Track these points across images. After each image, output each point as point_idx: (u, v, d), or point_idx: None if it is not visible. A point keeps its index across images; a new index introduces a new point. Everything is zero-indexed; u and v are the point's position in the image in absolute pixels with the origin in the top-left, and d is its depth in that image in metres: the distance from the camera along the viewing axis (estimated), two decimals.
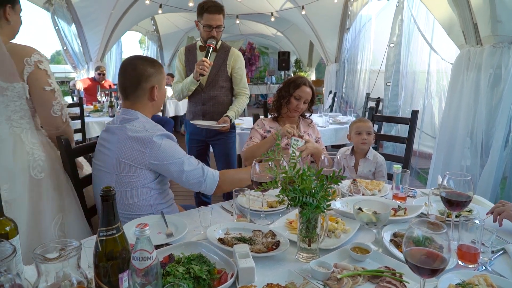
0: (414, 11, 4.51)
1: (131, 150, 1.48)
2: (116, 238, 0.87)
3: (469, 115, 2.72)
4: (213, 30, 2.52)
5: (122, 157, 1.49)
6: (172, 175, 1.54)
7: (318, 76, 14.05)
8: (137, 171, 1.50)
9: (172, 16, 10.68)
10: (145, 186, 1.53)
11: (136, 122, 1.53)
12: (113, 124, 1.62)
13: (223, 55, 2.65)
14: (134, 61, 1.59)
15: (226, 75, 2.67)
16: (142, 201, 1.54)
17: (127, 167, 1.49)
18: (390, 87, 4.97)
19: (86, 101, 5.75)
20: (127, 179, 1.50)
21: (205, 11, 2.50)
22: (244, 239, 1.27)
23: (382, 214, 1.24)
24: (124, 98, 1.61)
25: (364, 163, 2.32)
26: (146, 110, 1.61)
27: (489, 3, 2.47)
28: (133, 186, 1.51)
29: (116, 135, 1.53)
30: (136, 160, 1.48)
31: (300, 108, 2.32)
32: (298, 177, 1.17)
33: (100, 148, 1.61)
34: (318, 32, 8.01)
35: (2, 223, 0.93)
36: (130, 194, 1.52)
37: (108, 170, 1.53)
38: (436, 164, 3.08)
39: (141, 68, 1.55)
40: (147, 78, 1.56)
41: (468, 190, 1.26)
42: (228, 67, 2.66)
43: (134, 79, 1.55)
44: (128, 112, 1.58)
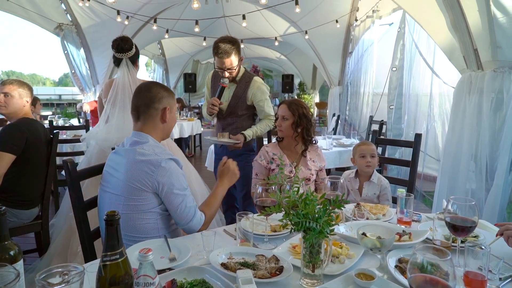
0: (415, 36, 4.60)
1: (140, 173, 1.51)
2: (119, 263, 0.87)
3: (473, 138, 2.73)
4: (225, 72, 2.54)
5: (130, 180, 1.51)
6: (171, 203, 1.56)
7: (322, 98, 14.19)
8: (144, 194, 1.52)
9: (178, 40, 10.96)
10: (152, 210, 1.55)
11: (146, 146, 1.57)
12: (122, 146, 1.65)
13: (243, 86, 2.66)
14: (148, 84, 1.69)
15: (246, 105, 2.69)
16: (148, 224, 1.55)
17: (136, 190, 1.51)
18: (393, 110, 5.01)
19: (92, 123, 5.82)
20: (135, 202, 1.52)
21: (215, 54, 2.50)
22: (247, 264, 1.26)
23: (386, 239, 1.23)
24: (136, 119, 1.65)
25: (369, 186, 2.32)
26: (157, 133, 1.65)
27: (488, 29, 2.52)
28: (140, 209, 1.53)
29: (125, 158, 1.56)
30: (144, 183, 1.50)
31: (280, 126, 2.31)
32: (301, 202, 1.17)
33: (108, 170, 1.64)
34: (321, 56, 8.16)
35: (6, 247, 0.94)
36: (136, 216, 1.53)
37: (116, 192, 1.55)
38: (441, 188, 3.06)
39: (155, 90, 1.63)
40: (160, 99, 1.63)
41: (473, 215, 1.25)
42: (247, 99, 2.67)
43: (147, 99, 1.62)
44: (138, 135, 1.61)
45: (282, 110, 2.32)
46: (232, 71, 2.56)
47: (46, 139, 2.55)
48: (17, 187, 2.39)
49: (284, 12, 7.04)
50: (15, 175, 2.36)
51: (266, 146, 2.40)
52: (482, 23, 2.55)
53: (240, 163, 2.78)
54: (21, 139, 2.32)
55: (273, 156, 2.33)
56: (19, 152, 2.32)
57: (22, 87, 2.48)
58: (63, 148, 4.11)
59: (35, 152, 2.43)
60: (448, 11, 2.75)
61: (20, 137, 2.33)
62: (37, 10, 6.46)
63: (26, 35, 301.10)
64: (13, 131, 2.35)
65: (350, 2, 6.65)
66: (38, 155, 2.48)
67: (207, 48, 11.70)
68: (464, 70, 2.86)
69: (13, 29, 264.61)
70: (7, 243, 0.94)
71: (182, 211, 1.57)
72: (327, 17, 6.89)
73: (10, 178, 2.35)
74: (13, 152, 2.28)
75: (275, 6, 6.54)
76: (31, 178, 2.45)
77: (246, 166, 2.59)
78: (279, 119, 2.32)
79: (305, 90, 14.11)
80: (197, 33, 7.81)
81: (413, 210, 1.69)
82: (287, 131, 2.31)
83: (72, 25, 7.09)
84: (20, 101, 2.46)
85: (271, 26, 8.92)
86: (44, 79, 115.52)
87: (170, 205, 1.56)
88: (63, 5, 6.76)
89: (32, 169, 2.44)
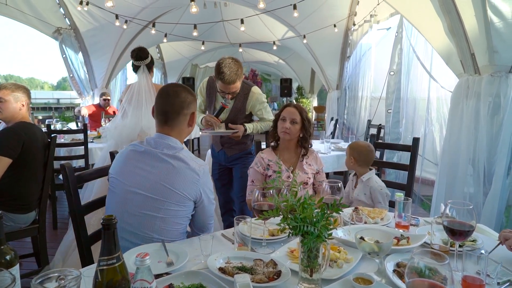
0: (412, 40, 4.62)
1: (186, 181, 1.54)
2: (116, 268, 0.87)
3: (470, 143, 2.73)
4: (227, 95, 2.56)
5: (178, 187, 1.52)
6: (206, 212, 1.64)
7: (320, 102, 14.23)
8: (187, 202, 1.56)
9: (176, 44, 10.98)
10: (188, 216, 1.61)
11: (185, 152, 1.60)
12: (149, 146, 1.59)
13: (242, 99, 2.69)
14: (176, 88, 1.65)
15: (245, 114, 2.73)
16: (180, 229, 1.60)
17: (181, 198, 1.53)
18: (391, 114, 5.02)
19: (90, 127, 5.81)
20: (178, 208, 1.54)
21: (219, 79, 2.48)
22: (245, 268, 1.25)
23: (384, 243, 1.23)
24: (163, 123, 1.62)
25: (360, 185, 2.35)
26: (183, 136, 1.68)
27: (485, 34, 2.53)
28: (180, 214, 1.56)
29: (167, 162, 1.54)
30: (190, 191, 1.54)
31: (286, 129, 2.25)
32: (299, 206, 1.17)
33: (134, 170, 1.57)
34: (319, 60, 8.19)
35: (2, 251, 0.93)
36: (174, 221, 1.56)
37: (155, 196, 1.52)
38: (439, 192, 3.06)
39: (184, 95, 1.62)
40: (189, 105, 1.63)
41: (470, 220, 1.25)
42: (246, 110, 2.72)
43: (177, 105, 1.60)
44: (170, 140, 1.59)
45: (293, 114, 2.28)
46: (234, 95, 2.60)
47: (44, 143, 2.54)
48: (14, 191, 2.38)
49: (282, 16, 7.07)
50: (12, 179, 2.35)
51: (262, 153, 2.38)
52: (479, 28, 2.56)
53: (238, 165, 2.81)
54: (18, 143, 2.32)
55: (269, 162, 2.32)
56: (16, 156, 2.31)
57: (17, 91, 2.46)
58: (60, 152, 4.09)
59: (32, 156, 2.42)
60: (445, 16, 2.76)
61: (16, 141, 2.32)
62: (35, 14, 6.46)
63: (25, 39, 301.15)
64: (10, 135, 2.34)
65: (348, 6, 6.69)
66: (35, 159, 2.46)
67: (205, 52, 11.73)
68: (462, 74, 2.87)
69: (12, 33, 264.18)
70: (3, 248, 0.94)
71: (209, 218, 1.66)
72: (325, 22, 6.92)
73: (7, 182, 2.34)
74: (9, 156, 2.28)
75: (273, 10, 6.57)
76: (28, 182, 2.44)
77: (244, 169, 2.60)
78: (288, 123, 2.26)
79: (303, 94, 14.15)
80: (196, 37, 7.83)
81: (411, 214, 1.69)
82: (294, 135, 2.30)
83: (70, 29, 7.09)
84: (16, 105, 2.44)
85: (269, 30, 8.96)
86: (42, 83, 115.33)
87: (204, 213, 1.64)
88: (62, 10, 6.77)
89: (29, 173, 2.43)
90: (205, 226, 1.68)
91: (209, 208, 1.65)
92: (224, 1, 7.25)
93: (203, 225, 1.68)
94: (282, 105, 4.59)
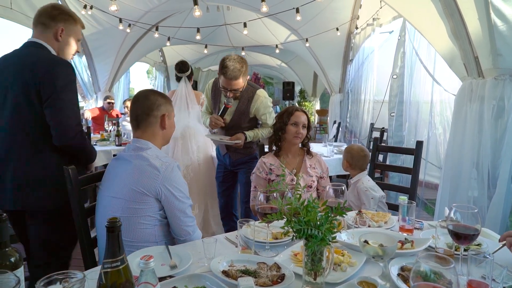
0: (415, 43, 4.62)
1: (144, 177, 1.53)
2: (120, 270, 0.87)
3: (474, 146, 2.72)
4: (229, 93, 2.51)
5: (134, 184, 1.52)
6: (172, 210, 1.57)
7: (322, 105, 14.23)
8: (145, 198, 1.53)
9: (179, 48, 11.02)
10: (150, 215, 1.55)
11: (150, 151, 1.60)
12: (124, 152, 1.67)
13: (246, 101, 2.64)
14: (146, 92, 1.72)
15: (249, 118, 2.70)
16: (146, 230, 1.55)
17: (137, 194, 1.52)
18: (394, 118, 5.01)
19: (93, 130, 5.83)
20: (135, 205, 1.53)
21: (222, 74, 2.45)
22: (249, 271, 1.25)
23: (388, 247, 1.22)
24: (136, 127, 1.67)
25: (351, 186, 2.38)
26: (157, 140, 1.68)
27: (489, 37, 2.52)
28: (139, 213, 1.53)
29: (130, 162, 1.58)
30: (147, 187, 1.52)
31: (300, 133, 2.30)
32: (303, 209, 1.16)
33: (109, 176, 1.66)
34: (322, 63, 8.19)
35: (7, 253, 0.94)
36: (135, 220, 1.53)
37: (117, 196, 1.56)
38: (443, 195, 3.05)
39: (153, 98, 1.67)
40: (158, 107, 1.66)
41: (475, 223, 1.25)
42: (250, 113, 2.67)
43: (145, 107, 1.65)
44: (140, 142, 1.64)
45: (304, 118, 2.33)
46: (237, 93, 2.53)
47: None
48: None
49: (285, 20, 7.09)
50: None
51: (264, 158, 2.39)
52: (482, 31, 2.56)
53: (243, 170, 2.80)
54: None
55: (271, 166, 2.32)
56: None
57: None
58: None
59: None
60: (448, 19, 2.76)
61: None
62: None
63: None
64: None
65: (351, 10, 6.70)
66: None
67: (208, 56, 11.77)
68: (465, 77, 2.87)
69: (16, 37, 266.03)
70: (7, 250, 0.94)
71: (183, 220, 1.58)
72: (327, 25, 6.93)
73: None
74: None
75: (276, 14, 6.59)
76: None
77: (249, 174, 2.60)
78: (300, 128, 2.30)
79: (306, 97, 14.14)
80: (199, 40, 7.86)
81: (415, 217, 1.68)
82: (303, 138, 2.36)
83: None
84: None
85: (272, 33, 8.98)
86: None
87: (171, 212, 1.57)
88: None
89: None
90: (181, 230, 1.59)
91: (179, 208, 1.57)
92: (227, 5, 7.29)
93: (178, 229, 1.59)
94: (283, 108, 4.59)
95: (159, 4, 6.30)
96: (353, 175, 2.48)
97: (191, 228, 1.62)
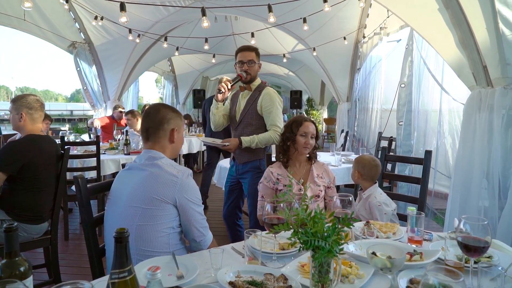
0: (423, 52, 4.60)
1: (161, 184, 1.56)
2: (127, 281, 0.87)
3: (484, 156, 2.69)
4: (245, 65, 2.74)
5: (151, 191, 1.55)
6: (188, 216, 1.60)
7: (330, 114, 14.21)
8: (163, 205, 1.56)
9: (187, 57, 11.15)
10: (167, 222, 1.58)
11: (164, 160, 1.64)
12: (135, 162, 1.70)
13: (257, 94, 2.79)
14: (157, 106, 1.76)
15: (256, 113, 2.78)
16: (161, 238, 1.57)
17: (155, 201, 1.55)
18: (402, 127, 4.98)
19: (102, 139, 5.89)
20: (153, 213, 1.55)
21: (238, 52, 2.80)
22: (256, 283, 1.24)
23: (397, 259, 1.21)
24: (146, 140, 1.72)
25: (360, 200, 2.35)
26: (166, 152, 1.71)
27: (497, 46, 2.51)
28: (157, 220, 1.56)
29: (145, 171, 1.61)
30: (165, 194, 1.55)
31: (309, 144, 2.32)
32: (310, 220, 1.16)
33: (120, 186, 1.68)
34: (329, 72, 8.21)
35: (17, 263, 0.95)
36: (152, 228, 1.55)
37: (133, 204, 1.57)
38: (452, 205, 3.00)
39: (163, 112, 1.71)
40: (169, 121, 1.70)
41: (485, 235, 1.22)
42: (258, 106, 2.77)
43: (156, 121, 1.69)
44: (152, 152, 1.68)
45: (312, 128, 2.35)
46: (251, 66, 2.75)
47: (57, 155, 2.58)
48: (27, 203, 2.41)
49: (292, 29, 7.13)
50: (24, 191, 2.39)
51: (271, 167, 2.39)
52: (490, 40, 2.55)
53: (247, 180, 2.80)
54: (17, 158, 2.33)
55: (278, 176, 2.32)
56: (14, 171, 2.32)
57: (17, 101, 2.44)
58: (73, 163, 4.15)
59: (39, 169, 2.42)
60: (456, 28, 2.75)
61: (15, 156, 2.33)
62: (52, 29, 6.65)
63: (41, 52, 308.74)
64: (10, 151, 2.37)
65: (358, 19, 6.72)
66: (45, 171, 2.47)
67: (216, 65, 11.87)
68: (474, 86, 2.85)
69: (28, 47, 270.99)
70: (17, 259, 0.95)
71: (198, 225, 1.63)
72: (335, 34, 6.96)
73: (20, 194, 2.38)
74: (4, 171, 2.30)
75: (284, 24, 6.64)
76: (41, 194, 2.46)
77: (253, 185, 2.62)
78: (309, 138, 2.32)
79: (314, 106, 14.15)
80: (207, 50, 7.95)
81: (424, 228, 1.66)
82: (312, 148, 2.38)
83: (85, 43, 7.28)
84: (17, 116, 2.43)
85: (279, 43, 9.04)
86: (56, 95, 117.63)
87: (187, 218, 1.60)
88: (77, 24, 6.96)
89: (42, 184, 2.46)
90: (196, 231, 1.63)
91: (194, 213, 1.62)
92: (234, 15, 7.37)
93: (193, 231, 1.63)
94: (291, 116, 4.61)
95: (168, 15, 6.39)
96: (364, 188, 2.43)
97: (206, 229, 1.67)
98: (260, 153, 2.82)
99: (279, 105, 2.77)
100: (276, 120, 2.73)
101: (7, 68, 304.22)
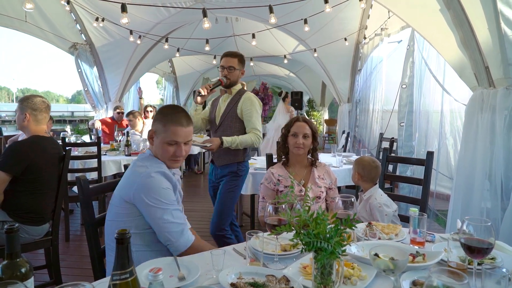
0: (424, 53, 4.59)
1: (126, 184, 1.62)
2: (129, 282, 0.87)
3: (486, 157, 2.68)
4: (225, 70, 2.84)
5: (119, 190, 1.63)
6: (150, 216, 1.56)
7: (331, 115, 14.21)
8: (124, 203, 1.58)
9: (188, 58, 11.16)
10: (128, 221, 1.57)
11: (147, 160, 1.69)
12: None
13: (237, 98, 2.85)
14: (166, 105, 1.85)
15: (236, 116, 2.82)
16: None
17: (120, 199, 1.60)
18: (403, 128, 4.97)
19: (103, 140, 5.89)
20: (117, 210, 1.60)
21: (222, 57, 2.91)
22: (257, 284, 1.24)
23: (400, 260, 1.20)
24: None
25: (362, 201, 2.34)
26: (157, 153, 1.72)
27: (499, 47, 2.50)
28: (120, 218, 1.59)
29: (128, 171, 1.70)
30: (127, 193, 1.57)
31: (300, 144, 2.28)
32: (312, 221, 1.15)
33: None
34: (330, 73, 8.20)
35: (18, 264, 0.94)
36: (117, 225, 1.56)
37: (112, 202, 1.65)
38: (454, 206, 2.99)
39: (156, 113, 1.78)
40: (153, 122, 1.74)
41: (489, 237, 1.22)
42: (238, 110, 2.81)
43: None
44: (149, 151, 1.76)
45: (305, 128, 2.31)
46: (231, 72, 2.84)
47: (59, 156, 2.58)
48: (29, 204, 2.41)
49: (293, 30, 7.14)
50: (26, 192, 2.39)
51: (272, 168, 2.39)
52: (492, 41, 2.54)
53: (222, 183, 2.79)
54: (21, 159, 2.32)
55: (279, 177, 2.32)
56: (19, 172, 2.31)
57: (23, 102, 2.44)
58: (74, 164, 4.15)
59: (42, 170, 2.42)
60: (457, 29, 2.75)
61: (19, 157, 2.33)
62: (53, 30, 6.66)
63: (42, 54, 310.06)
64: (13, 152, 2.36)
65: (359, 20, 6.72)
66: (48, 172, 2.48)
67: (216, 66, 11.88)
68: (475, 87, 2.84)
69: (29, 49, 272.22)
70: (18, 260, 0.95)
71: (164, 226, 1.55)
72: (335, 35, 6.96)
73: (22, 195, 2.37)
74: (9, 172, 2.29)
75: (284, 25, 6.64)
76: (42, 195, 2.46)
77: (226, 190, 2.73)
78: (301, 138, 2.28)
79: (314, 107, 14.15)
80: (208, 51, 7.95)
81: (426, 229, 1.66)
82: (307, 148, 2.34)
83: (86, 45, 7.29)
84: (21, 116, 2.44)
85: (280, 44, 9.04)
86: (57, 96, 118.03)
87: (150, 218, 1.56)
88: (78, 26, 6.98)
89: (43, 186, 2.46)
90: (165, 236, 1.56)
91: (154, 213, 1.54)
92: (235, 16, 7.37)
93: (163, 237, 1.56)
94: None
95: (168, 16, 6.40)
96: (364, 189, 2.43)
97: (174, 234, 1.56)
98: (239, 155, 2.82)
99: (259, 109, 2.85)
100: (256, 123, 2.79)
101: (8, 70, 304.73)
